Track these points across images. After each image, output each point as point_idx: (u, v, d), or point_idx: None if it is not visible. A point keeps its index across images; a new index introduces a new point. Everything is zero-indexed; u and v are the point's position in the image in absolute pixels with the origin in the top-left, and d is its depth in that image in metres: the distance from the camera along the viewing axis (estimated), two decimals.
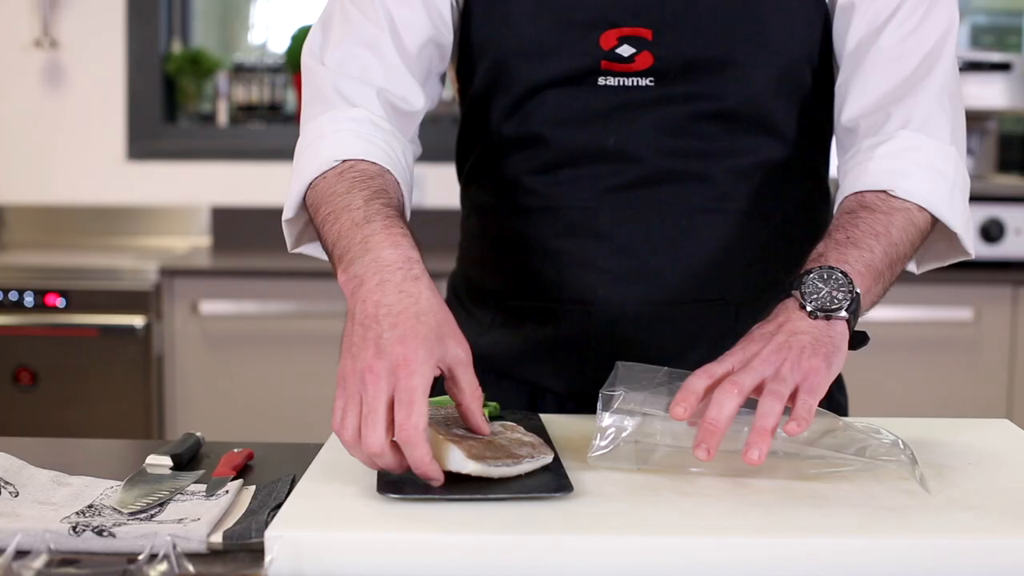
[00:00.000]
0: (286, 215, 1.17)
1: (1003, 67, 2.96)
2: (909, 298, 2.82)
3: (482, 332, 1.31)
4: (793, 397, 0.96)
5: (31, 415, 2.77)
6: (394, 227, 1.02)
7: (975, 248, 1.21)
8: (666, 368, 1.02)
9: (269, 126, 3.36)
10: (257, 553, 0.85)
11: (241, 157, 3.30)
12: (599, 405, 0.99)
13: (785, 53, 1.21)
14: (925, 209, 1.16)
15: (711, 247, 1.23)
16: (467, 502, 0.90)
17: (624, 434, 0.98)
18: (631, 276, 1.22)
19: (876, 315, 2.76)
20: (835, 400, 1.37)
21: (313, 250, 1.25)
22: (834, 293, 1.02)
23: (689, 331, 1.24)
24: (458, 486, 0.92)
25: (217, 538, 0.88)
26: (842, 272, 1.04)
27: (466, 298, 1.38)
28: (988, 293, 2.83)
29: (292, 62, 3.34)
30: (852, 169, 1.20)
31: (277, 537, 0.83)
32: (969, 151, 3.14)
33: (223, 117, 3.37)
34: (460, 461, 0.92)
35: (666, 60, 1.19)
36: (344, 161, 1.12)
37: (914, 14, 1.19)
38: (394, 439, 0.89)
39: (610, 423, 0.98)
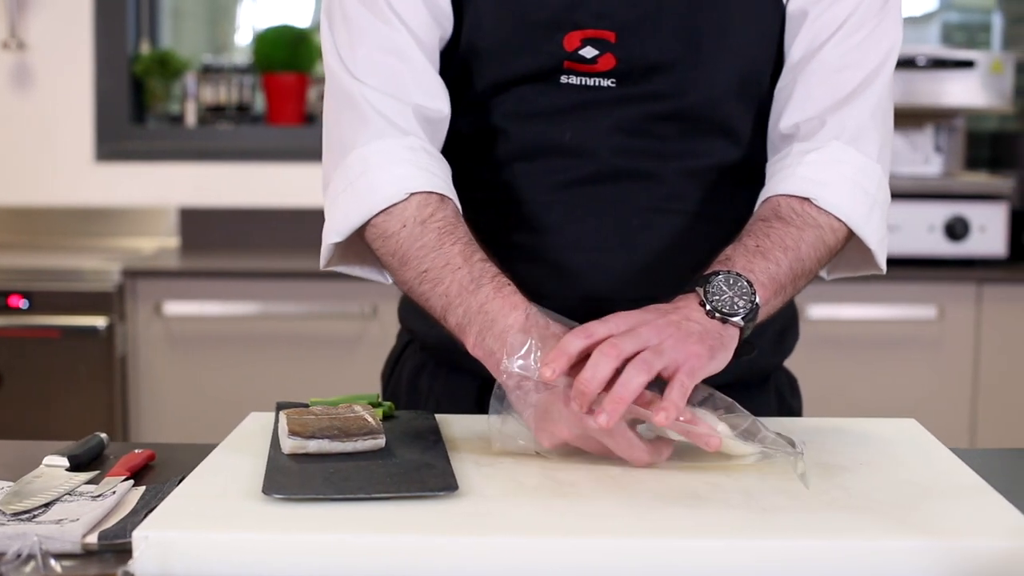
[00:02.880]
0: (334, 239, 1.18)
1: (971, 64, 2.96)
2: (873, 296, 2.82)
3: (435, 324, 1.32)
4: (671, 378, 0.96)
5: None
6: (503, 287, 1.07)
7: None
8: None
9: (237, 127, 3.37)
10: (128, 554, 0.86)
11: (209, 158, 3.30)
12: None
13: (747, 57, 1.22)
14: (842, 222, 1.17)
15: (660, 246, 1.23)
16: (349, 502, 0.90)
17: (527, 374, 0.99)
18: (579, 272, 1.23)
19: (841, 313, 2.79)
20: (787, 404, 1.37)
21: (348, 270, 1.26)
22: (735, 299, 1.04)
23: None
24: (343, 483, 0.92)
25: (93, 539, 0.89)
26: (748, 281, 1.05)
27: None
28: (952, 291, 2.83)
29: (259, 63, 3.34)
30: (779, 171, 1.21)
31: (143, 537, 0.83)
32: (937, 148, 3.16)
33: (191, 118, 3.37)
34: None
35: (628, 63, 1.19)
36: (412, 195, 1.14)
37: (860, 29, 1.21)
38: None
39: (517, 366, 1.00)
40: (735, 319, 1.03)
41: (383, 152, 1.17)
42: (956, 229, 2.85)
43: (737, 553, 0.83)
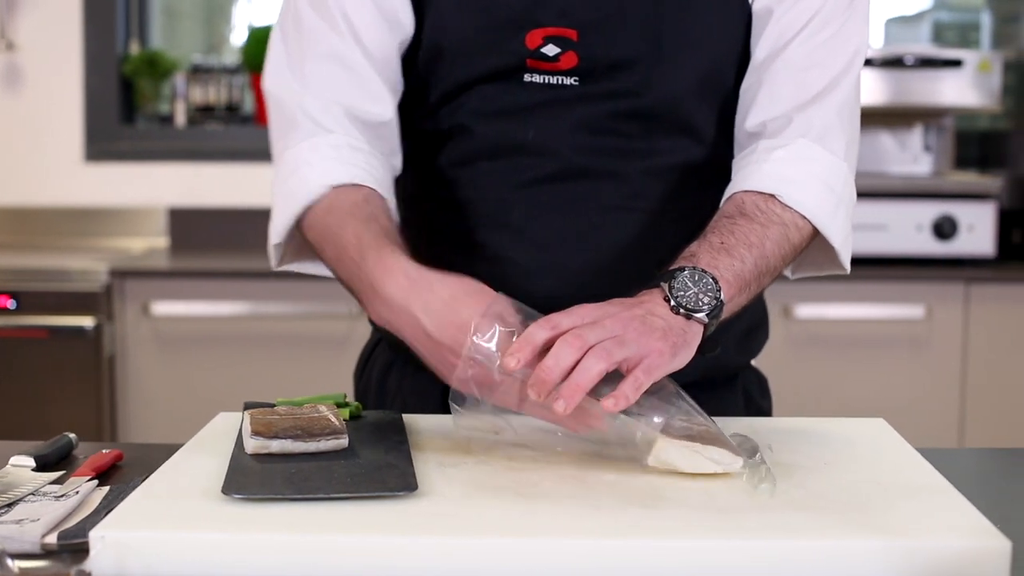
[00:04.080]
0: (275, 240, 1.20)
1: (959, 63, 2.96)
2: (860, 296, 2.82)
3: None
4: (628, 372, 0.96)
5: None
6: (383, 250, 1.06)
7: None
8: None
9: (227, 127, 3.37)
10: (87, 554, 0.85)
11: (199, 158, 3.30)
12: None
13: (711, 55, 1.22)
14: (807, 219, 1.17)
15: (623, 245, 1.23)
16: (309, 502, 0.90)
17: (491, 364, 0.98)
18: (542, 270, 1.23)
19: (828, 313, 2.79)
20: (755, 404, 1.37)
21: (300, 267, 1.27)
22: (700, 295, 1.04)
23: None
24: (303, 483, 0.92)
25: (53, 539, 0.89)
26: (713, 278, 1.05)
27: None
28: (940, 290, 2.83)
29: (249, 62, 3.34)
30: (745, 167, 1.21)
31: (99, 537, 0.83)
32: (926, 148, 3.16)
33: (181, 118, 3.37)
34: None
35: (591, 61, 1.20)
36: (333, 187, 1.16)
37: (826, 27, 1.21)
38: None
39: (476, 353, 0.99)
40: (699, 315, 1.03)
41: (309, 150, 1.19)
42: (944, 228, 2.85)
43: (697, 554, 0.83)
